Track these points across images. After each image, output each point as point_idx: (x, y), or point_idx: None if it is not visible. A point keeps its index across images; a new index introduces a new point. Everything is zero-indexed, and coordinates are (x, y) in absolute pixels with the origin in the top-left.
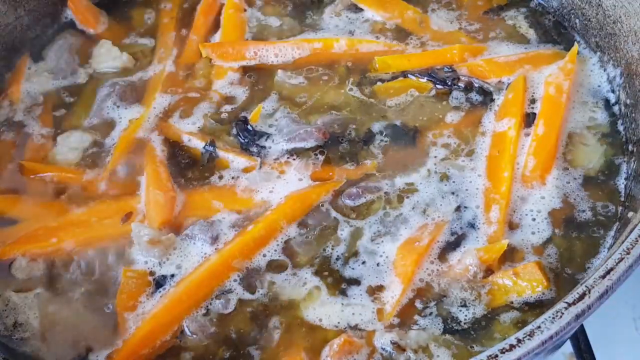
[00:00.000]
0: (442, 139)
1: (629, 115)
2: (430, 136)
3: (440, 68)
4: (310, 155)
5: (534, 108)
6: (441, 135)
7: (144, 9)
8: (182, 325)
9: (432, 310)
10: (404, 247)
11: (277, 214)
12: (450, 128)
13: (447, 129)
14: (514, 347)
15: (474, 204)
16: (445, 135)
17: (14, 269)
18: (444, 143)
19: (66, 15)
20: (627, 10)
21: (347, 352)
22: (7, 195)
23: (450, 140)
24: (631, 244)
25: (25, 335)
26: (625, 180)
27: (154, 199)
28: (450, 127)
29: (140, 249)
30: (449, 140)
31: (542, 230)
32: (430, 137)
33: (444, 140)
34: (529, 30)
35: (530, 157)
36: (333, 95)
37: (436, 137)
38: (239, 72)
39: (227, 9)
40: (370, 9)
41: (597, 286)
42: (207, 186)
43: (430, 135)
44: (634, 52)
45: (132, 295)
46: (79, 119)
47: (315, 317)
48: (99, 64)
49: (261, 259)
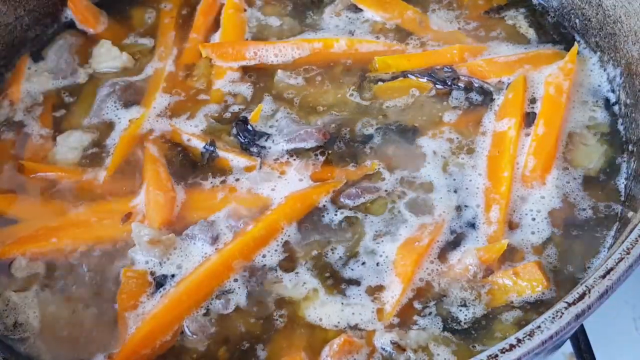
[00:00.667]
0: (442, 139)
1: (629, 115)
2: (430, 136)
3: (440, 68)
4: (310, 155)
5: (534, 108)
6: (441, 135)
7: (144, 8)
8: (182, 325)
9: (432, 310)
10: (403, 247)
11: (277, 214)
12: (450, 128)
13: (447, 129)
14: (514, 347)
15: (474, 204)
16: (445, 135)
17: (13, 268)
18: (444, 143)
19: (66, 15)
20: (627, 10)
21: (347, 352)
22: (7, 195)
23: (450, 140)
24: (631, 244)
25: (25, 335)
26: (625, 180)
27: (154, 199)
28: (450, 127)
29: (140, 249)
30: (448, 140)
31: (542, 230)
32: (430, 137)
33: (444, 140)
34: (528, 30)
35: (531, 157)
36: (333, 95)
37: (436, 137)
38: (239, 72)
39: (227, 9)
40: (370, 10)
41: (597, 286)
42: (207, 186)
43: (430, 135)
44: (634, 52)
45: (132, 295)
46: (79, 118)
47: (315, 317)
48: (99, 64)
49: (261, 259)
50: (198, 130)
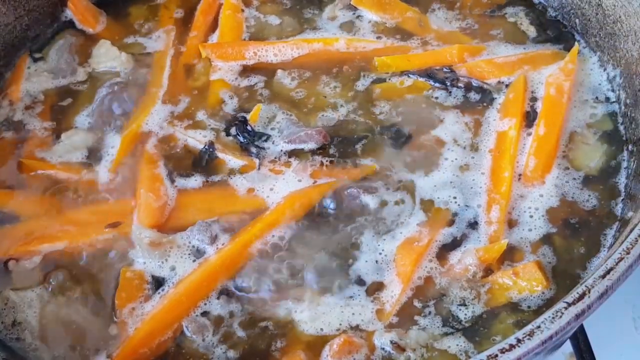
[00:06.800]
0: (441, 139)
1: (629, 114)
2: (430, 136)
3: (439, 68)
4: (309, 156)
5: (534, 108)
6: (440, 135)
7: (144, 8)
8: (181, 325)
9: (432, 310)
10: (403, 246)
11: (277, 214)
12: (449, 128)
13: (446, 130)
14: (514, 347)
15: (474, 203)
16: (444, 136)
17: (13, 267)
18: (443, 143)
19: (66, 15)
20: (627, 10)
21: (347, 352)
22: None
23: (450, 140)
24: (631, 243)
25: (24, 334)
26: (625, 179)
27: (145, 202)
28: (450, 128)
29: (140, 250)
30: (448, 140)
31: (541, 230)
32: (430, 137)
33: (443, 141)
34: (528, 30)
35: (531, 157)
36: (332, 95)
37: (435, 137)
38: (238, 72)
39: (225, 10)
40: (369, 12)
41: (597, 286)
42: (206, 186)
43: (429, 136)
44: (634, 52)
45: (131, 295)
46: (79, 118)
47: (315, 317)
48: (99, 63)
49: (261, 259)
50: (197, 130)
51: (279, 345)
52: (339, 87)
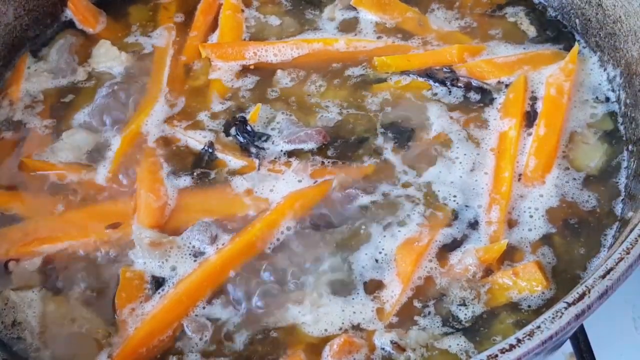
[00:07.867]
0: (440, 139)
1: (629, 114)
2: (429, 136)
3: (439, 68)
4: (309, 156)
5: (534, 108)
6: (440, 135)
7: (144, 8)
8: (181, 325)
9: (432, 310)
10: (403, 246)
11: (276, 214)
12: (449, 128)
13: (446, 130)
14: (514, 347)
15: (475, 204)
16: (444, 136)
17: (13, 267)
18: (443, 143)
19: (66, 15)
20: (627, 10)
21: (347, 352)
22: (6, 195)
23: (449, 140)
24: (631, 243)
25: (24, 334)
26: (625, 179)
27: (145, 202)
28: (449, 128)
29: (141, 250)
30: (447, 140)
31: (541, 230)
32: (429, 137)
33: (443, 141)
34: (528, 30)
35: (532, 157)
36: (332, 95)
37: (435, 137)
38: (238, 72)
39: (225, 10)
40: (369, 12)
41: (597, 286)
42: (206, 187)
43: (429, 135)
44: (634, 52)
45: (131, 295)
46: (79, 118)
47: (315, 317)
48: (99, 63)
49: (261, 259)
50: (197, 130)
51: (279, 345)
52: (339, 87)
